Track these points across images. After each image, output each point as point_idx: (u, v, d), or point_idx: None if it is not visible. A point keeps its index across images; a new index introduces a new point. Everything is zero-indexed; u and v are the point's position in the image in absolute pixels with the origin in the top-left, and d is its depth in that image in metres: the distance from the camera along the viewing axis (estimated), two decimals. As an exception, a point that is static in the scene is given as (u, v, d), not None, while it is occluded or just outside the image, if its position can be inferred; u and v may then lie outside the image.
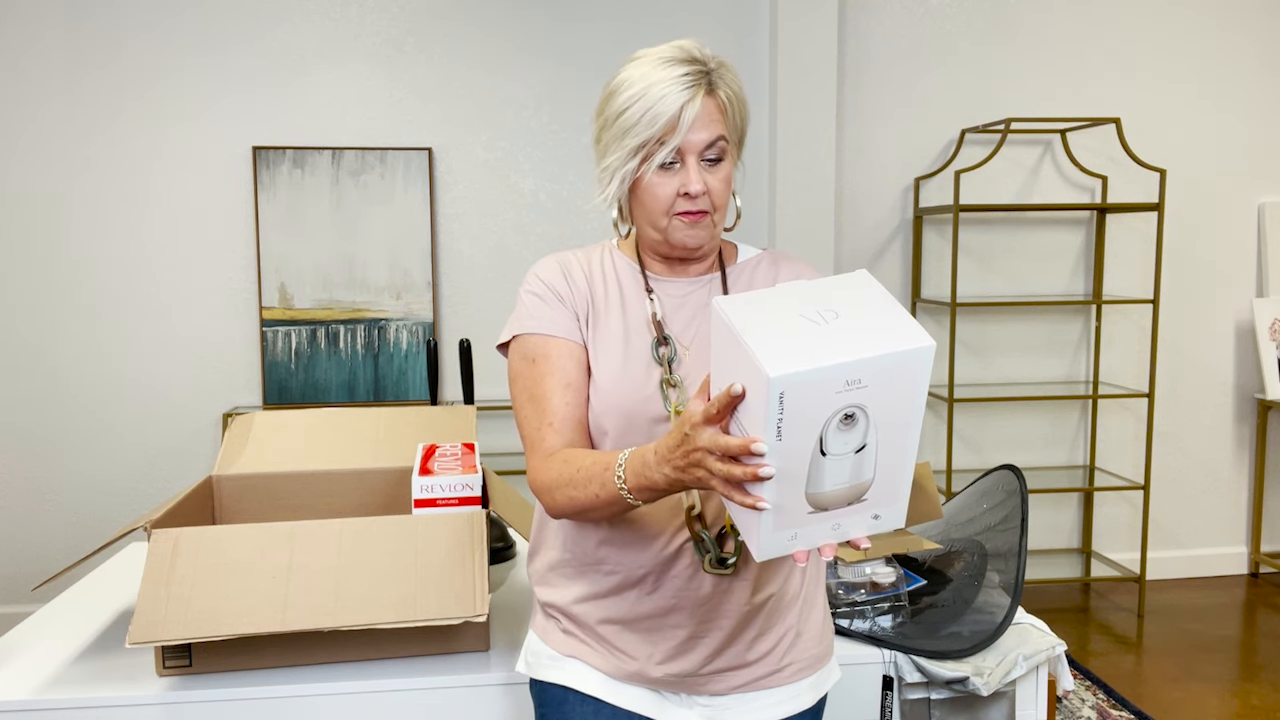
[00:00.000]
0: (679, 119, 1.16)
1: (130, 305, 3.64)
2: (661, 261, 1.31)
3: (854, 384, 0.89)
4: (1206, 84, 4.07)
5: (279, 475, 1.83)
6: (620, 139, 1.19)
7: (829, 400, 0.88)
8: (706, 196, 1.21)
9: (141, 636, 1.40)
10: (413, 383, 3.72)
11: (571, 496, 1.15)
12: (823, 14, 3.70)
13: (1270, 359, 4.05)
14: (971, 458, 4.11)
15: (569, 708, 1.28)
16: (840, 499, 0.95)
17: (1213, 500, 4.25)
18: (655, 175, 1.20)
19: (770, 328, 0.92)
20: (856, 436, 0.92)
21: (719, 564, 1.21)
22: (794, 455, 0.90)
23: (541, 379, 1.23)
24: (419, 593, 1.48)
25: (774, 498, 0.92)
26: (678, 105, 1.16)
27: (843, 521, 0.96)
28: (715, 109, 1.20)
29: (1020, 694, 1.66)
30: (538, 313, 1.26)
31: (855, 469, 0.93)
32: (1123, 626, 3.70)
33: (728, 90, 1.22)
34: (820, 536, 0.96)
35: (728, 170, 1.22)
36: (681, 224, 1.22)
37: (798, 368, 0.86)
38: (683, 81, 1.17)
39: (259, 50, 3.61)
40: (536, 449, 1.21)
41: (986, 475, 2.00)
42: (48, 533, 3.69)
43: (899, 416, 0.92)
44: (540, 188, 3.78)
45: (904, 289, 4.02)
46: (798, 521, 0.94)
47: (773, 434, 0.89)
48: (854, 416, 0.90)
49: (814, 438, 0.90)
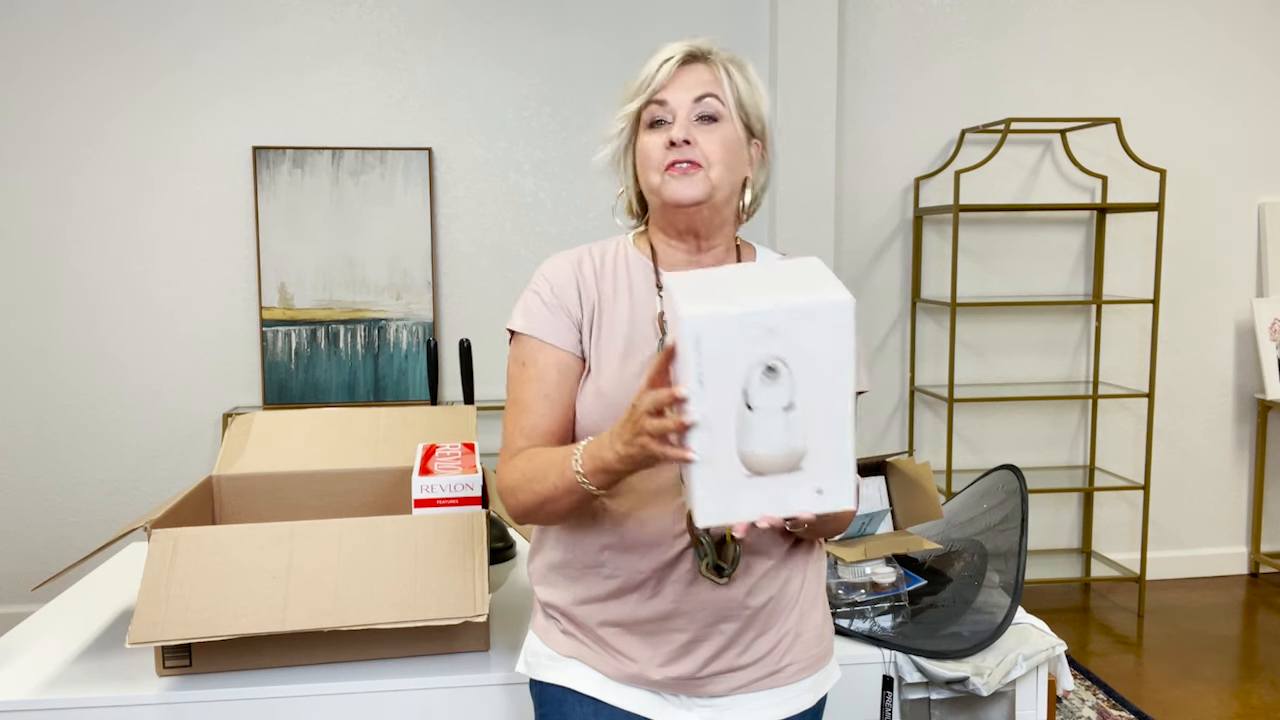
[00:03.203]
0: (656, 72, 1.23)
1: (130, 305, 3.64)
2: (674, 245, 1.29)
3: (770, 332, 0.92)
4: (1206, 84, 4.07)
5: (279, 475, 1.84)
6: (619, 111, 1.27)
7: (747, 348, 0.92)
8: (697, 149, 1.21)
9: (141, 636, 1.40)
10: (413, 383, 3.72)
11: (533, 490, 1.18)
12: (823, 14, 3.70)
13: (1270, 359, 4.05)
14: (971, 458, 4.11)
15: (568, 708, 1.28)
16: (776, 463, 0.96)
17: (1213, 500, 4.25)
18: (646, 134, 1.24)
19: (703, 289, 0.96)
20: (782, 391, 0.93)
21: (715, 570, 1.21)
22: (718, 404, 0.93)
23: (526, 384, 1.25)
24: (419, 593, 1.48)
25: (704, 450, 0.94)
26: (659, 61, 1.23)
27: (783, 493, 0.96)
28: (708, 74, 1.23)
29: (1020, 694, 1.66)
30: (537, 316, 1.26)
31: (786, 430, 0.95)
32: (1123, 626, 3.70)
33: (730, 70, 1.24)
34: (761, 505, 0.97)
35: (725, 133, 1.22)
36: (670, 177, 1.22)
37: (711, 309, 0.91)
38: (671, 49, 1.24)
39: (259, 50, 3.61)
40: (506, 450, 1.26)
41: (986, 475, 2.00)
42: (48, 533, 3.69)
43: (825, 376, 0.94)
44: (540, 188, 3.78)
45: (904, 289, 4.02)
46: (735, 485, 0.96)
47: (694, 380, 0.92)
48: (776, 370, 0.93)
49: (737, 388, 0.93)
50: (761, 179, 1.31)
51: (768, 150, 1.30)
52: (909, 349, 4.04)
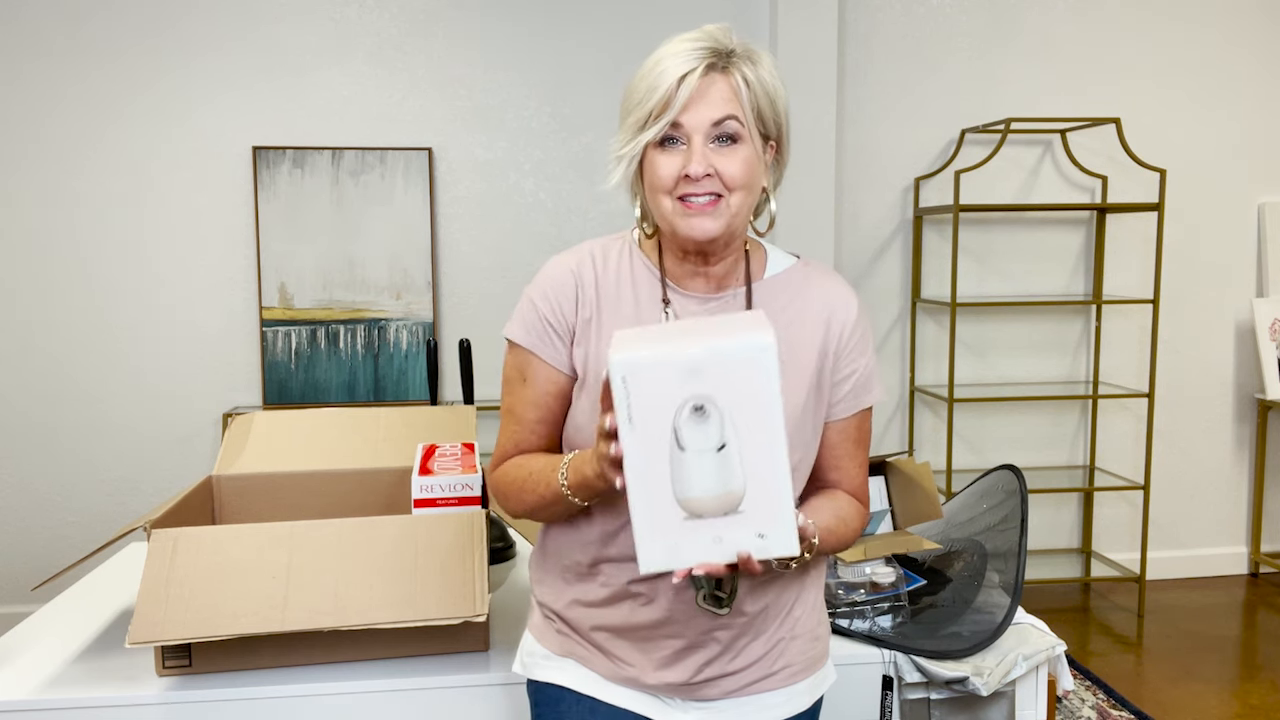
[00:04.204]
0: (675, 90, 1.11)
1: (130, 305, 3.64)
2: (683, 261, 1.22)
3: (694, 373, 0.94)
4: (1207, 84, 4.07)
5: (279, 475, 1.83)
6: (625, 119, 1.16)
7: (673, 389, 0.95)
8: (715, 180, 1.13)
9: (141, 636, 1.40)
10: (413, 383, 3.72)
11: (523, 500, 1.21)
12: (823, 14, 3.70)
13: (1270, 359, 4.05)
14: (971, 458, 4.11)
15: (565, 707, 1.27)
16: (712, 505, 0.97)
17: (1213, 500, 4.25)
18: (656, 152, 1.14)
19: (642, 338, 0.99)
20: (713, 432, 0.96)
21: (713, 601, 1.16)
22: (650, 445, 0.96)
23: (522, 398, 1.26)
24: (419, 593, 1.48)
25: (640, 492, 0.97)
26: (675, 77, 1.11)
27: (724, 535, 0.98)
28: (727, 89, 1.12)
29: (1020, 694, 1.66)
30: (534, 331, 1.24)
31: (721, 471, 0.96)
32: (1123, 626, 3.70)
33: (748, 75, 1.14)
34: (702, 551, 0.98)
35: (745, 154, 1.13)
36: (683, 211, 1.14)
37: (635, 354, 0.95)
38: (687, 55, 1.12)
39: (259, 50, 3.61)
40: (498, 452, 1.28)
41: (986, 475, 2.00)
42: (48, 533, 3.69)
43: (755, 417, 0.95)
44: (540, 188, 3.78)
45: (904, 289, 4.02)
46: (674, 528, 0.97)
47: (625, 418, 0.96)
48: (705, 410, 0.95)
49: (667, 427, 0.96)
50: (775, 179, 1.24)
51: (784, 148, 1.22)
52: (909, 349, 4.04)
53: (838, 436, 1.27)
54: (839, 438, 1.27)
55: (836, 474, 1.28)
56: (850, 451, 1.28)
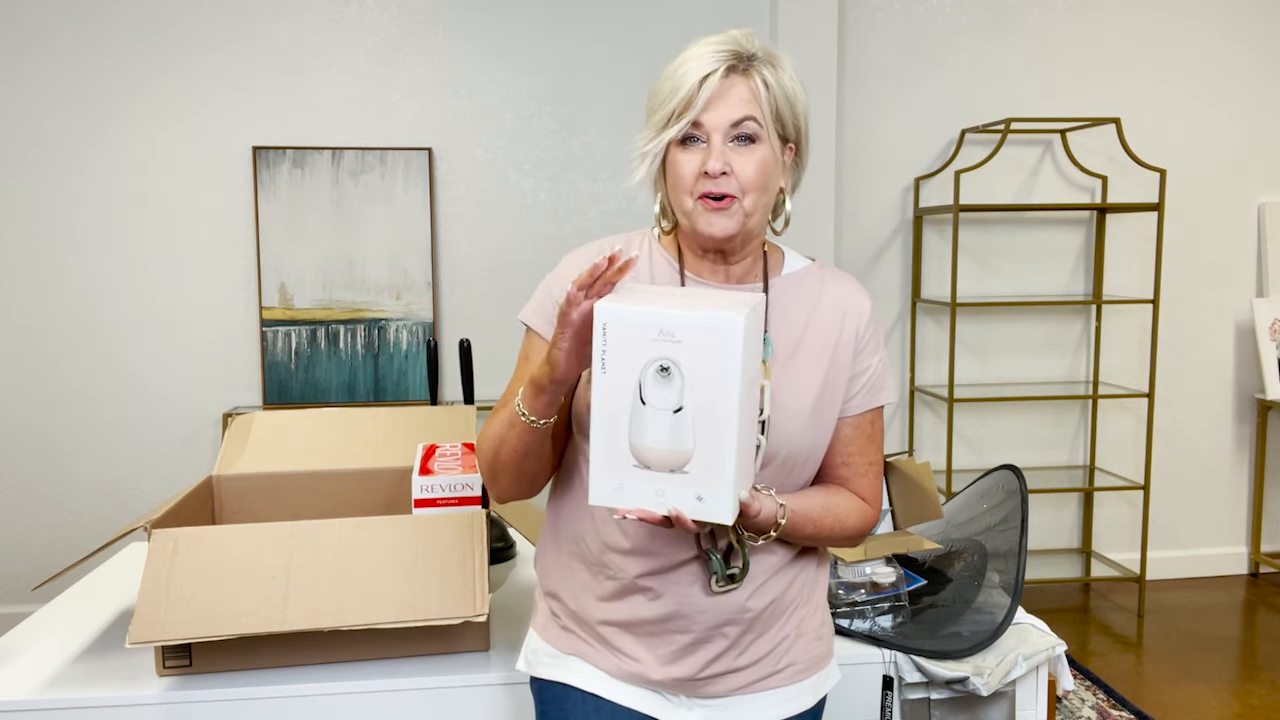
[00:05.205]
0: (697, 91, 1.16)
1: (130, 305, 3.64)
2: (701, 258, 1.26)
3: (666, 336, 1.02)
4: (1206, 84, 4.07)
5: (279, 475, 1.84)
6: (650, 118, 1.21)
7: (645, 346, 1.02)
8: (732, 180, 1.17)
9: (141, 636, 1.40)
10: (413, 383, 3.72)
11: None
12: (823, 14, 3.70)
13: (1270, 359, 4.05)
14: (971, 458, 4.11)
15: (570, 705, 1.28)
16: (661, 459, 1.05)
17: (1213, 500, 4.25)
18: (678, 151, 1.19)
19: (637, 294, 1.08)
20: (673, 394, 1.03)
21: (727, 579, 1.21)
22: (617, 392, 1.04)
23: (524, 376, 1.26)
24: (419, 593, 1.48)
25: (601, 430, 1.05)
26: (697, 77, 1.16)
27: (666, 489, 1.05)
28: (747, 90, 1.17)
29: (1020, 694, 1.66)
30: (543, 313, 1.28)
31: (674, 431, 1.04)
32: (1123, 626, 3.70)
33: (768, 79, 1.18)
34: (644, 498, 1.06)
35: (762, 154, 1.17)
36: (703, 209, 1.18)
37: (620, 306, 1.02)
38: (710, 57, 1.17)
39: (259, 50, 3.61)
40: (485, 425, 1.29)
41: (986, 475, 2.00)
42: (48, 533, 3.69)
43: (713, 390, 1.02)
44: (540, 188, 3.78)
45: (904, 289, 4.02)
46: (624, 471, 1.06)
47: (599, 363, 1.04)
48: (669, 371, 1.03)
49: (633, 380, 1.03)
50: (794, 180, 1.27)
51: (803, 150, 1.25)
52: (909, 349, 4.04)
53: (851, 432, 1.31)
54: (852, 433, 1.31)
55: (846, 470, 1.31)
56: (861, 448, 1.31)
